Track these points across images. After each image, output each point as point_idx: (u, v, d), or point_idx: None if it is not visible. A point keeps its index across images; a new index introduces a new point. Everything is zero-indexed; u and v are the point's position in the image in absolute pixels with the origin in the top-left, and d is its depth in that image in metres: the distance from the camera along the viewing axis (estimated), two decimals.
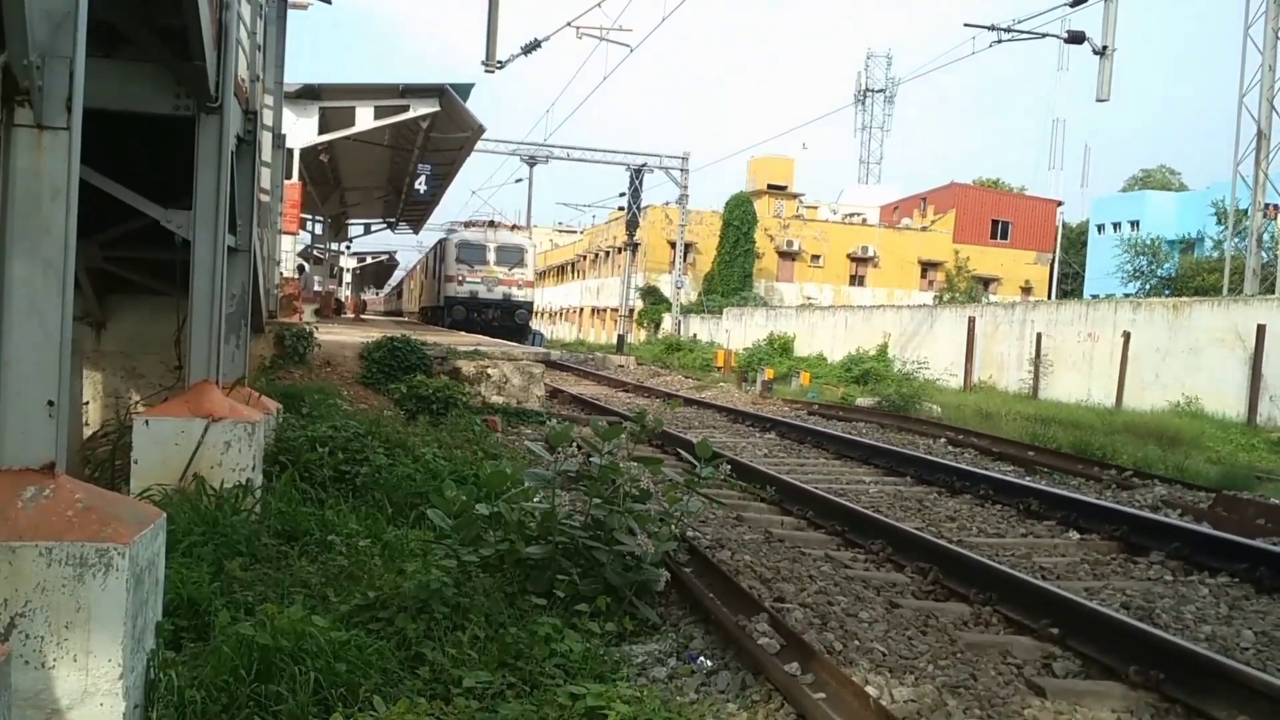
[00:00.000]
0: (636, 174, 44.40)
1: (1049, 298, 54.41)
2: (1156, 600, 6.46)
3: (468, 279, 38.14)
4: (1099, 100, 23.35)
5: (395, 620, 4.69)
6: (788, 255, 57.83)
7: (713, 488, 8.04)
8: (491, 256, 38.67)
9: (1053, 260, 59.69)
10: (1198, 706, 4.60)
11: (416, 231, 51.35)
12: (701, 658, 5.01)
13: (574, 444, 11.16)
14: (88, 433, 13.01)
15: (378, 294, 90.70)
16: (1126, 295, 39.27)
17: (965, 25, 25.01)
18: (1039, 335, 25.72)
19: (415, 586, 4.93)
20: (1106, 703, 4.76)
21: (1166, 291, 40.87)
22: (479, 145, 28.01)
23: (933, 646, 5.38)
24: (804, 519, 8.78)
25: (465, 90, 21.50)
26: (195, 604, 4.61)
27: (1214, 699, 4.56)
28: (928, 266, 59.96)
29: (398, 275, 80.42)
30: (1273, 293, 28.27)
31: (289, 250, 22.09)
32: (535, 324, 46.74)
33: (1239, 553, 7.30)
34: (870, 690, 4.44)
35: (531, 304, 40.15)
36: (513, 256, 39.10)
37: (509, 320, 37.91)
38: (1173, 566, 7.47)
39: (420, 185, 28.81)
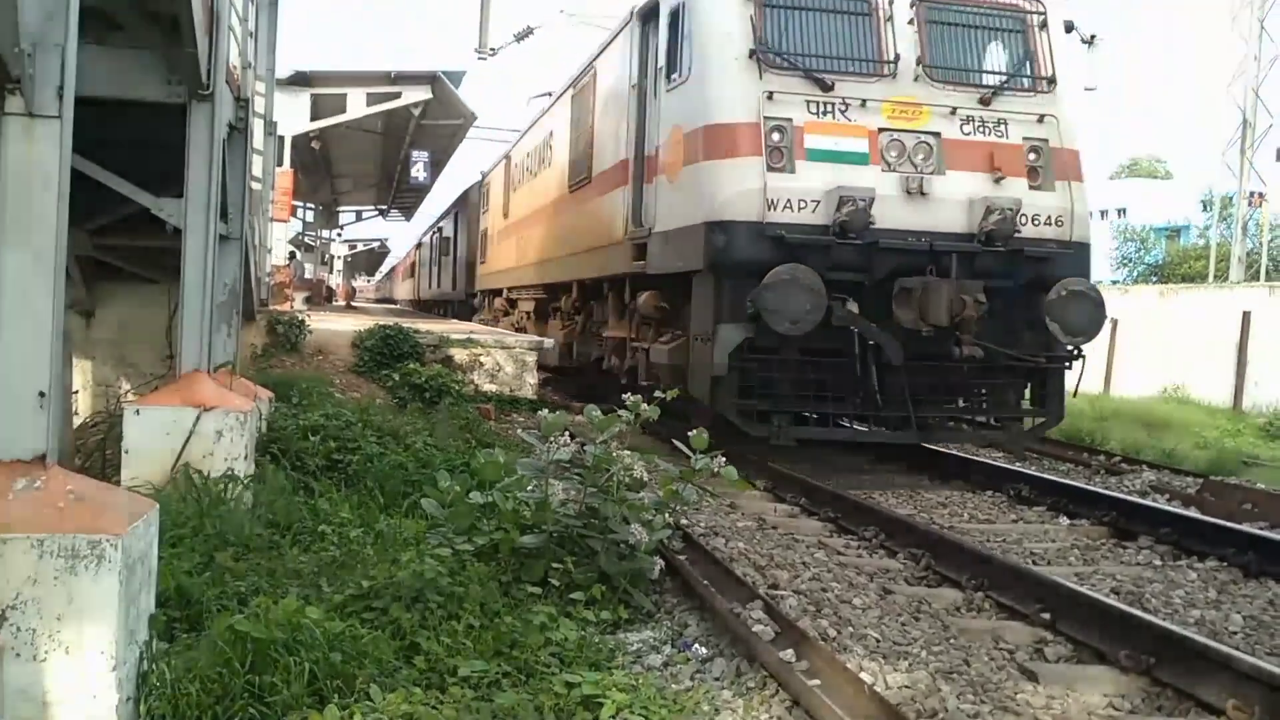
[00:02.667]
0: None
1: None
2: (1146, 585, 6.49)
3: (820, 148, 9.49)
4: (1086, 90, 23.36)
5: (390, 610, 4.68)
6: None
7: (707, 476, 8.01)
8: (908, 44, 9.88)
9: None
10: (1188, 690, 4.62)
11: (409, 219, 51.16)
12: (696, 644, 5.02)
13: (566, 432, 11.17)
14: (78, 422, 12.99)
15: (369, 281, 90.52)
16: (1114, 282, 39.34)
17: None
18: None
19: (409, 576, 4.93)
20: (1098, 687, 4.78)
21: (1153, 279, 40.98)
22: (470, 133, 27.88)
23: (926, 632, 5.40)
24: (797, 506, 8.80)
25: (457, 77, 21.43)
26: (187, 595, 4.60)
27: (1204, 682, 4.58)
28: None
29: (389, 262, 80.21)
30: (1258, 280, 28.37)
31: (281, 238, 22.03)
32: None
33: (1227, 537, 7.33)
34: (864, 676, 4.45)
35: (1088, 247, 10.18)
36: (1008, 42, 10.50)
37: (1028, 325, 9.81)
38: (1161, 551, 7.50)
39: (418, 173, 28.04)
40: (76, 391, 13.65)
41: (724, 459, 6.14)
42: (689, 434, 6.30)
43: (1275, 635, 5.56)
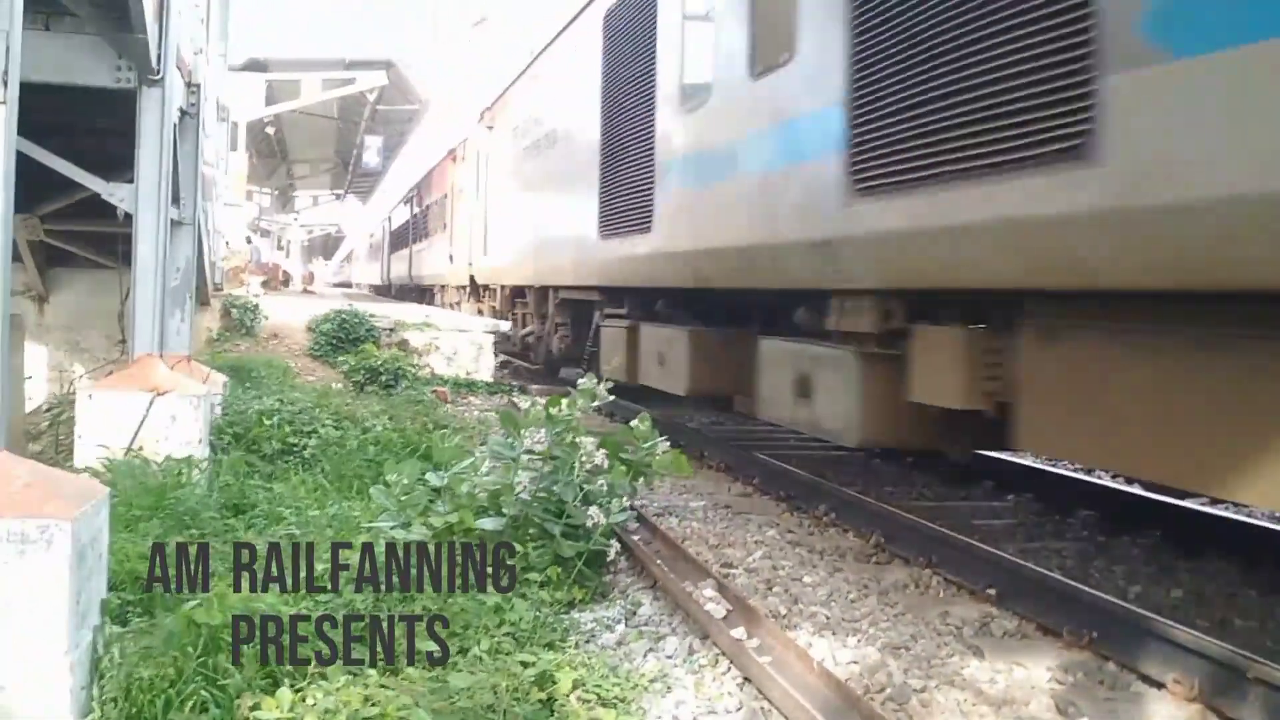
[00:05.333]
0: None
1: None
2: (1089, 561, 6.61)
3: None
4: None
5: (343, 593, 4.71)
6: None
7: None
8: None
9: None
10: (1129, 664, 4.73)
11: (365, 203, 50.80)
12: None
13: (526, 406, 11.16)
14: (31, 406, 12.87)
15: (325, 265, 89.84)
16: None
17: None
18: None
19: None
20: (1043, 661, 4.88)
21: None
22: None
23: (874, 609, 5.49)
24: (751, 485, 8.88)
25: (412, 64, 21.34)
26: (142, 579, 4.59)
27: (1145, 656, 4.68)
28: None
29: (345, 246, 79.56)
30: None
31: (235, 222, 21.81)
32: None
33: (1168, 513, 7.45)
34: (814, 653, 4.53)
35: None
36: None
37: None
38: (1105, 527, 7.60)
39: (372, 158, 27.83)
40: (29, 377, 13.50)
41: (668, 443, 6.27)
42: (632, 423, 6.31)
43: (1216, 609, 5.70)
